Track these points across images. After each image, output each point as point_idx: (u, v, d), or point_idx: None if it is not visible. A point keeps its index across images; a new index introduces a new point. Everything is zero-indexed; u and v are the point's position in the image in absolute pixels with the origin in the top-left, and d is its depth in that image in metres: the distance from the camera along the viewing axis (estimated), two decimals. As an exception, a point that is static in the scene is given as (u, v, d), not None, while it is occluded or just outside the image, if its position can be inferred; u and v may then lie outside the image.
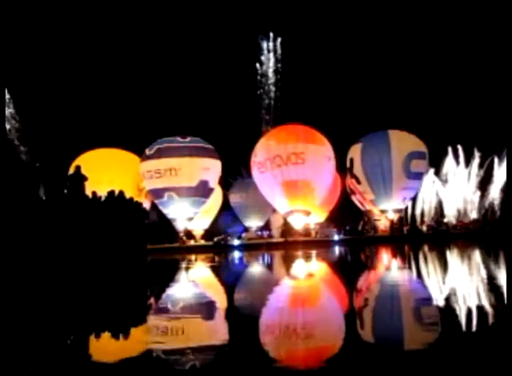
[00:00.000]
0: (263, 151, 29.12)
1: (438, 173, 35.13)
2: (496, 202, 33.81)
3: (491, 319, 4.07)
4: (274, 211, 31.03)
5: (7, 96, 31.54)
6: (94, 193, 12.68)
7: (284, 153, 28.11)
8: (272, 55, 29.96)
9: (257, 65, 29.87)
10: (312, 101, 39.35)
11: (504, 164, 32.60)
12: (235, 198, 35.30)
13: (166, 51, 45.37)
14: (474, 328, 3.76)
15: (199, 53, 49.28)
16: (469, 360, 2.91)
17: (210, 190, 30.30)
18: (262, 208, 32.18)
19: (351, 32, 44.83)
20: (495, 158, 34.20)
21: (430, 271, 9.12)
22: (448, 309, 4.60)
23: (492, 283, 6.44)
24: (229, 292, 7.01)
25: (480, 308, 4.57)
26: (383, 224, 32.02)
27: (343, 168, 32.18)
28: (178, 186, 28.76)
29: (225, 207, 35.28)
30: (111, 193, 13.22)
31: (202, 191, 29.55)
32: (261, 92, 29.84)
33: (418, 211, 35.15)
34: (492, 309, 4.49)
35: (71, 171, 13.71)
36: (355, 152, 31.37)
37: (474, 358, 2.96)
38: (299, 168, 27.89)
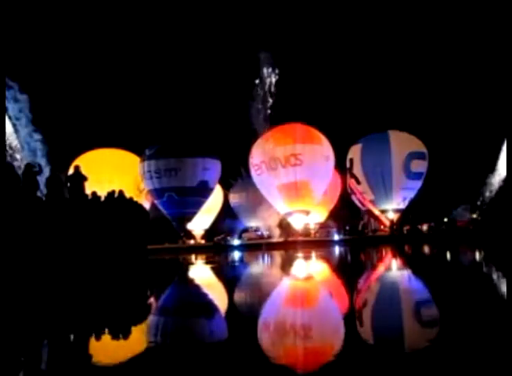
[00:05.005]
0: (259, 153, 29.13)
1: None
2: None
3: (491, 320, 4.07)
4: (264, 208, 30.70)
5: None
6: (94, 193, 12.67)
7: (282, 156, 28.10)
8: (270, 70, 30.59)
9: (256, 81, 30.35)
10: (312, 101, 39.38)
11: (504, 163, 32.59)
12: (235, 198, 35.33)
13: (166, 51, 45.46)
14: (473, 329, 3.76)
15: (198, 53, 49.30)
16: (468, 360, 2.91)
17: (210, 190, 30.33)
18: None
19: (352, 32, 44.88)
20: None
21: (430, 271, 9.12)
22: (448, 309, 4.60)
23: (492, 283, 6.45)
24: (229, 292, 7.01)
25: (480, 308, 4.57)
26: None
27: (343, 168, 32.22)
28: (178, 186, 28.78)
29: (226, 207, 35.31)
30: (111, 193, 13.21)
31: (202, 191, 29.59)
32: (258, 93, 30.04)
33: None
34: (492, 309, 4.49)
35: (71, 171, 13.69)
36: (355, 152, 31.44)
37: (474, 358, 2.96)
38: (297, 169, 27.90)
